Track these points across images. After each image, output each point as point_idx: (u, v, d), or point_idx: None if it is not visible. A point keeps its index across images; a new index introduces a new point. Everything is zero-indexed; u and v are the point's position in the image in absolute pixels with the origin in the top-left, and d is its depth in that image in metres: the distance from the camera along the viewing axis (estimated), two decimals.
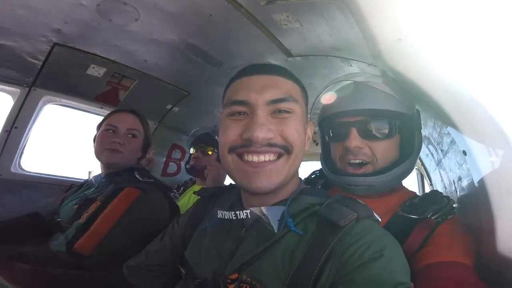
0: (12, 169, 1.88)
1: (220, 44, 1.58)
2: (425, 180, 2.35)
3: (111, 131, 1.47)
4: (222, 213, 0.75)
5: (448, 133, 1.14)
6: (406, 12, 0.74)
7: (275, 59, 1.59)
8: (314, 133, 0.88)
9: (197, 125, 2.64)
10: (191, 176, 2.55)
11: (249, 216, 0.70)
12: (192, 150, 2.26)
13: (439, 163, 1.49)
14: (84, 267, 1.11)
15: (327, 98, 1.07)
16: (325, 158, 1.13)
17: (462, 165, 1.09)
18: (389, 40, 0.87)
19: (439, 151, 1.38)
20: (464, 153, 0.97)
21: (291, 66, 1.61)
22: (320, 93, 1.12)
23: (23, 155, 1.94)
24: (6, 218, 1.79)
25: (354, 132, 0.97)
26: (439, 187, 1.64)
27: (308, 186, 0.83)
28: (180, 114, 2.39)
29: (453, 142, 1.14)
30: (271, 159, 0.68)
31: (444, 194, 1.00)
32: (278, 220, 0.68)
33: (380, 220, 0.72)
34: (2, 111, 1.83)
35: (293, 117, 0.71)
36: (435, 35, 0.71)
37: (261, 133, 0.66)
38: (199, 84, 2.05)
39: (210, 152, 2.19)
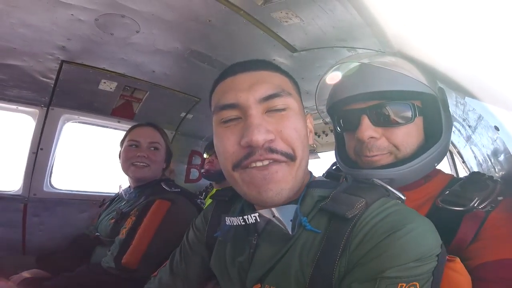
0: (45, 188, 1.97)
1: (223, 47, 1.56)
2: (455, 157, 2.23)
3: (134, 146, 1.56)
4: (230, 220, 0.68)
5: (474, 109, 1.06)
6: None
7: (280, 56, 1.55)
8: (326, 123, 0.82)
9: (211, 130, 2.64)
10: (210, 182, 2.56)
11: (258, 220, 0.63)
12: (205, 155, 2.28)
13: (468, 139, 1.40)
14: (134, 279, 1.17)
15: (330, 81, 0.95)
16: (339, 149, 1.01)
17: (496, 140, 1.00)
18: (394, 26, 0.83)
19: (467, 127, 1.29)
20: (497, 128, 0.87)
21: (298, 61, 1.57)
22: (321, 79, 0.98)
23: (52, 174, 2.03)
24: (46, 233, 1.93)
25: (365, 120, 0.84)
26: (473, 164, 1.54)
27: (318, 178, 0.76)
28: (195, 120, 2.41)
29: (480, 118, 1.05)
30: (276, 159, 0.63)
31: (481, 171, 0.87)
32: (291, 221, 0.62)
33: (404, 198, 0.65)
34: (25, 133, 1.90)
35: (290, 113, 0.65)
36: (445, 14, 0.65)
37: (260, 135, 0.59)
38: (208, 89, 2.03)
39: None
